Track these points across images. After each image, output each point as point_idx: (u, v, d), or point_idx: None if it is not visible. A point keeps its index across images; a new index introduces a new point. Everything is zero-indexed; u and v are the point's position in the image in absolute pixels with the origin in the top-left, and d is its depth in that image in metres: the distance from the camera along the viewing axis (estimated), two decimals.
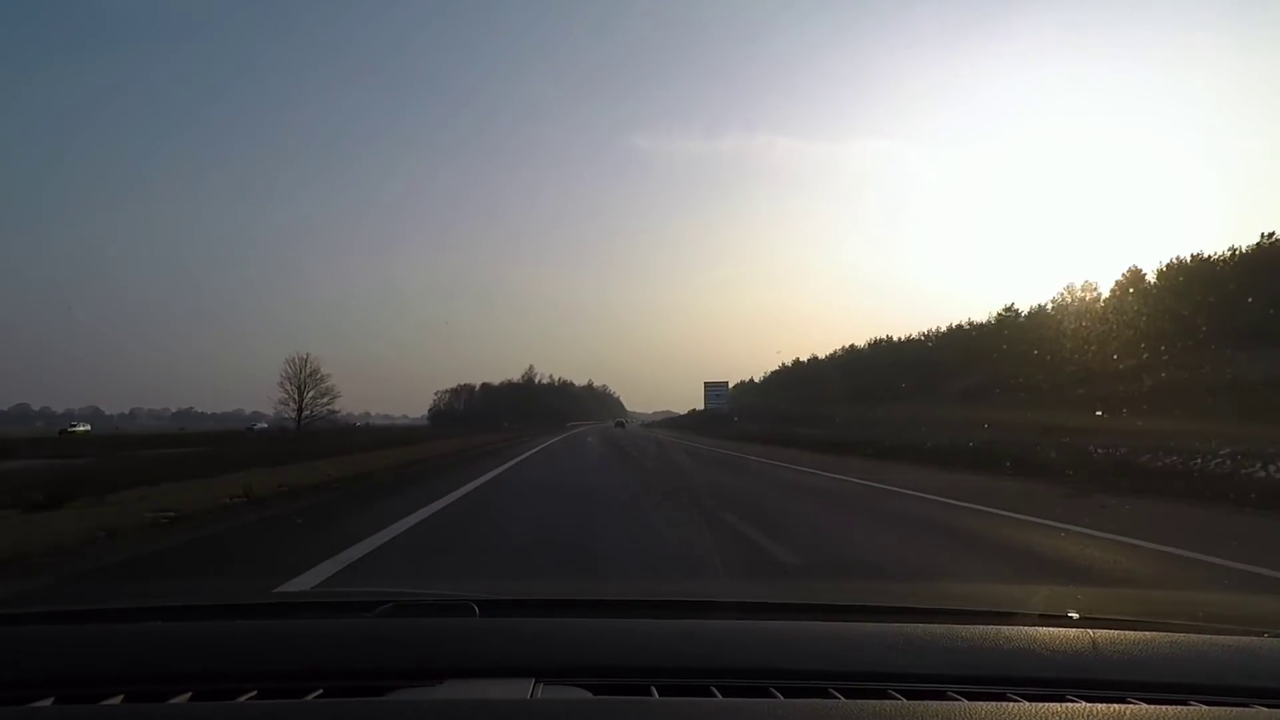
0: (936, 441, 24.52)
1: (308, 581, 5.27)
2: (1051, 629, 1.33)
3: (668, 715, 1.04)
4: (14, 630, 1.41)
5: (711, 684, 1.11)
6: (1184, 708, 1.05)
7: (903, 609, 1.62)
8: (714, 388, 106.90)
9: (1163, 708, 1.03)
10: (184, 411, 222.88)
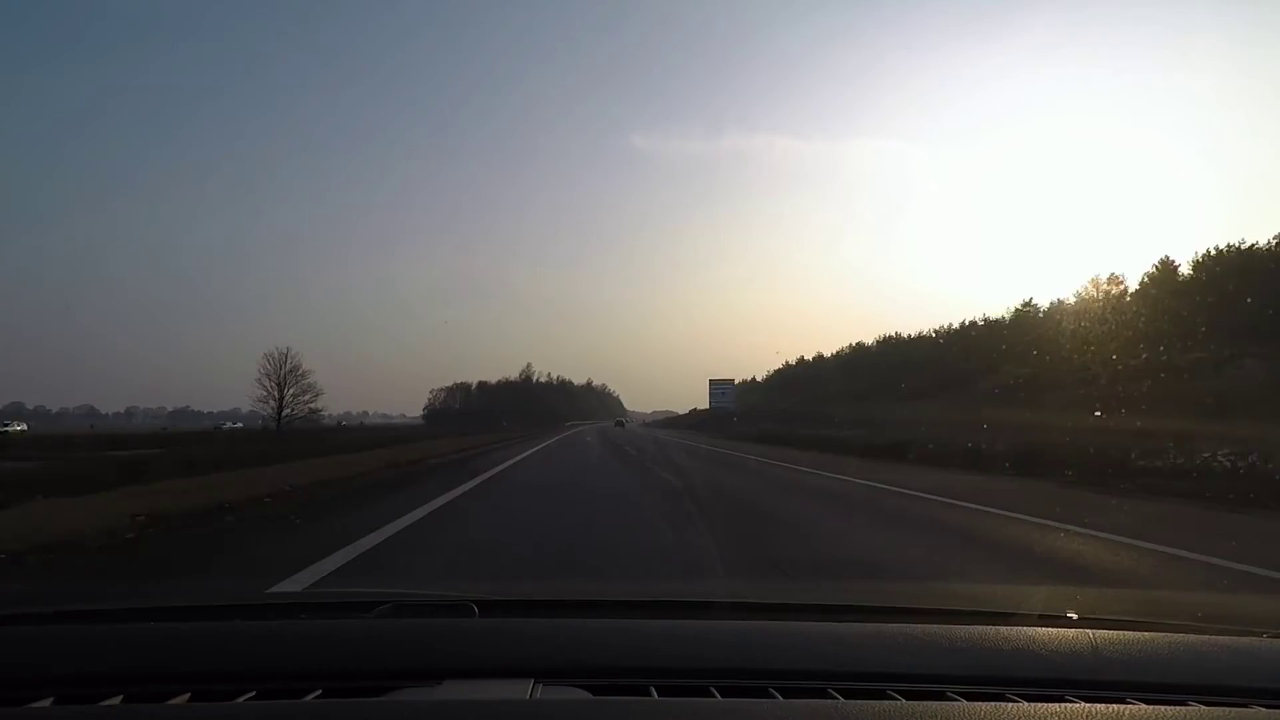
0: (989, 446, 20.09)
1: (303, 582, 5.26)
2: (1051, 629, 1.33)
3: (667, 715, 1.04)
4: (13, 630, 1.40)
5: (711, 684, 1.11)
6: (1183, 708, 1.06)
7: (902, 609, 1.62)
8: (719, 385, 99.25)
9: (1162, 708, 1.04)
10: (180, 410, 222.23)
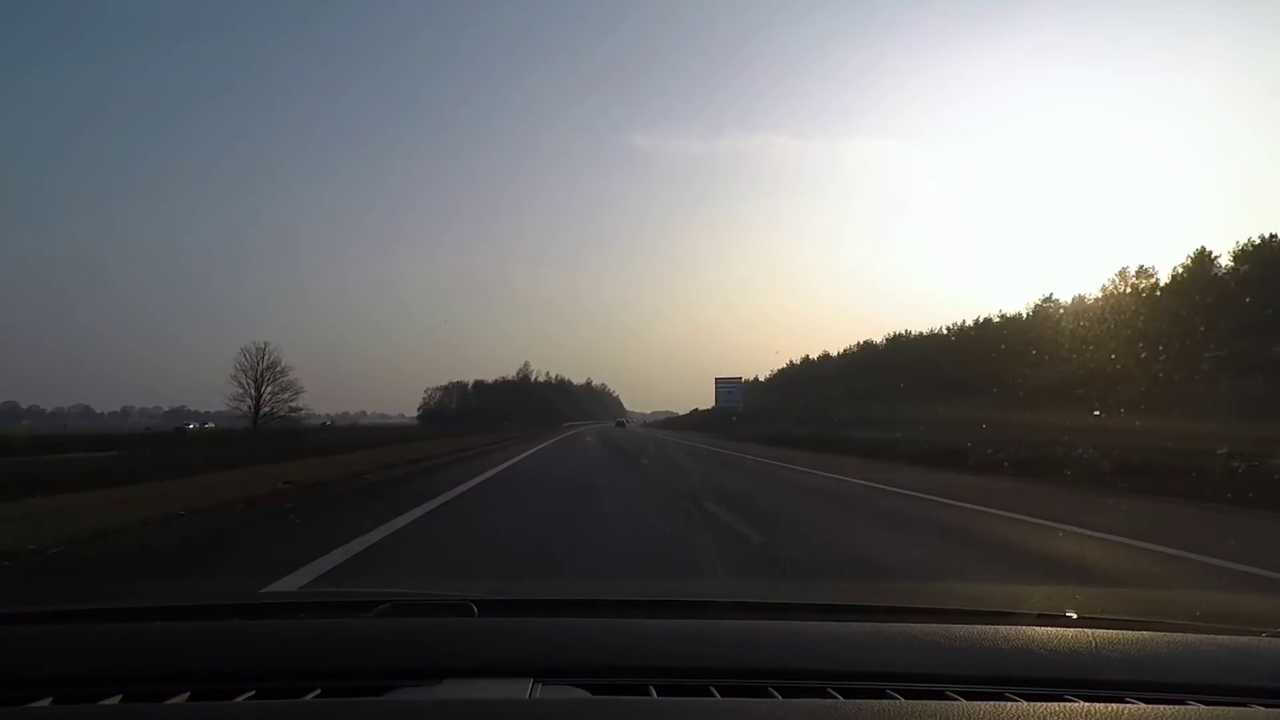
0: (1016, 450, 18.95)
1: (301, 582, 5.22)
2: (1050, 629, 1.33)
3: (666, 715, 1.04)
4: (12, 630, 1.40)
5: (710, 684, 1.11)
6: (1182, 707, 1.06)
7: (901, 609, 1.63)
8: (725, 383, 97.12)
9: (1161, 707, 1.04)
10: (176, 410, 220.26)
